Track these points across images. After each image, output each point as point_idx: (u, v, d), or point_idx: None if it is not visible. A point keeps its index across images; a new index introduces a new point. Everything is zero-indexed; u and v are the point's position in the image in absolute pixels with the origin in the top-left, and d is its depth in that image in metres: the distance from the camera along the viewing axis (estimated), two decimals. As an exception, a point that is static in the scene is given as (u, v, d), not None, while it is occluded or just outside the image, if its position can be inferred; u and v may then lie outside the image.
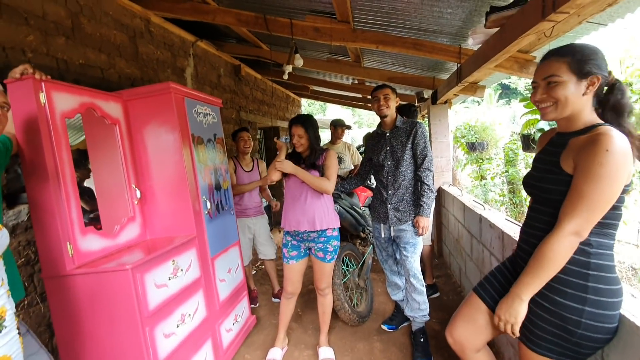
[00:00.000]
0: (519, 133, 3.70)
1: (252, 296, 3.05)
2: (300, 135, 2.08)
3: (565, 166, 1.04)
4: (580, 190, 0.98)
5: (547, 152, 1.15)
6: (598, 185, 0.95)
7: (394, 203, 2.25)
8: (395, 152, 2.24)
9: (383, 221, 2.32)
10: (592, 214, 0.97)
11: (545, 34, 1.72)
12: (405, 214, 2.24)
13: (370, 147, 2.43)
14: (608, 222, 1.01)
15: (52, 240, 1.52)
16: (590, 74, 1.02)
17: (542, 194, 1.10)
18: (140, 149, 1.98)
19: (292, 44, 2.95)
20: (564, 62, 1.04)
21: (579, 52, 1.04)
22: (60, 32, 1.99)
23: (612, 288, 1.00)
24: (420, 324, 2.30)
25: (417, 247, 2.27)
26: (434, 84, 3.78)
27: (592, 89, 1.02)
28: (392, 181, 2.26)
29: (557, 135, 1.15)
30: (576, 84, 1.04)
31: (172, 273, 1.75)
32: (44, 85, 1.47)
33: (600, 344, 1.02)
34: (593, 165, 0.95)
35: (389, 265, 2.49)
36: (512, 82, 20.22)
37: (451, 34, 2.49)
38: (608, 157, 0.93)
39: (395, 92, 2.28)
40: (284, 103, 6.59)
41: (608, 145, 0.94)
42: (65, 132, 1.56)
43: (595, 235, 1.01)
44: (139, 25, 2.56)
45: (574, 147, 1.04)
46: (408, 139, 2.20)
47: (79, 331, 1.58)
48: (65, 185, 1.51)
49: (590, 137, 0.99)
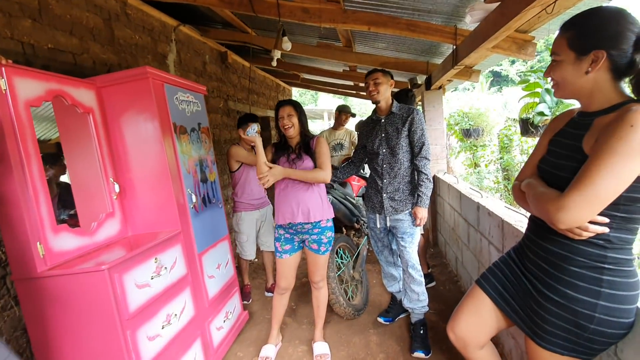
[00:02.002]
0: (515, 119, 3.63)
1: (244, 292, 2.96)
2: (291, 114, 1.96)
3: (587, 149, 0.91)
4: (587, 165, 0.86)
5: (567, 135, 1.02)
6: (609, 160, 0.81)
7: (390, 192, 2.17)
8: (391, 139, 2.13)
9: (378, 211, 2.24)
10: (595, 194, 0.83)
11: (547, 11, 1.62)
12: (401, 204, 2.16)
13: (365, 133, 2.31)
14: (633, 217, 0.90)
15: (21, 240, 1.40)
16: (592, 50, 0.90)
17: (558, 182, 0.97)
18: (117, 139, 1.84)
19: (280, 26, 2.80)
20: (565, 37, 0.95)
21: (583, 25, 0.92)
22: (26, 13, 1.82)
23: (629, 281, 0.92)
24: (419, 315, 2.24)
25: (415, 237, 2.19)
26: (428, 68, 3.67)
27: (595, 65, 0.90)
28: (388, 169, 2.17)
29: (580, 115, 1.02)
30: (574, 62, 0.93)
31: (155, 272, 1.64)
32: (4, 70, 1.33)
33: (615, 339, 0.95)
34: (611, 140, 0.83)
35: (384, 257, 2.41)
36: (503, 69, 20.16)
37: (447, 13, 2.37)
38: (631, 132, 0.80)
39: (389, 75, 2.15)
40: (274, 92, 6.42)
41: (634, 121, 0.81)
42: (31, 121, 1.42)
43: (616, 230, 0.91)
44: (114, 7, 2.39)
45: (598, 127, 0.91)
46: (404, 125, 2.10)
47: (54, 337, 1.47)
48: (32, 180, 1.38)
49: (619, 114, 0.87)
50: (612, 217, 0.89)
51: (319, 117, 13.33)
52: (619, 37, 0.88)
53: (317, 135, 2.08)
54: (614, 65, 0.90)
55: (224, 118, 4.07)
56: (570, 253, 0.96)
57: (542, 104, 2.42)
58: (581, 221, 0.87)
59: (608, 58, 0.89)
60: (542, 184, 1.02)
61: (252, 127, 1.85)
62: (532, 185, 1.04)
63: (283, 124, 1.97)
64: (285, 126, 1.96)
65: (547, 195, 0.94)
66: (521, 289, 1.12)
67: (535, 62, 15.06)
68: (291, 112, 1.96)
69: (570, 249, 0.96)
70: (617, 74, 0.91)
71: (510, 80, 19.70)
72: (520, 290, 1.12)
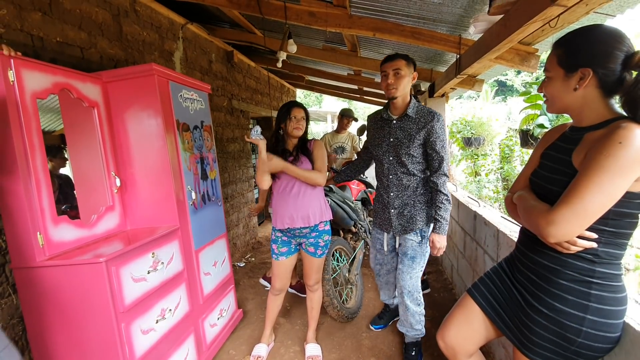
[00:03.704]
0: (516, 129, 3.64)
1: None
2: (304, 117, 1.97)
3: (577, 164, 0.93)
4: (577, 180, 0.88)
5: (558, 149, 1.04)
6: (598, 176, 0.83)
7: (398, 207, 1.89)
8: (400, 146, 1.82)
9: (386, 229, 1.97)
10: (583, 209, 0.85)
11: (550, 25, 1.64)
12: (411, 221, 1.88)
13: (372, 134, 2.00)
14: (622, 231, 0.91)
15: (22, 230, 1.42)
16: (580, 67, 0.92)
17: (549, 195, 0.99)
18: (120, 134, 1.87)
19: (286, 28, 2.83)
20: (555, 54, 0.98)
21: (572, 42, 0.94)
22: (37, 6, 1.85)
23: (616, 296, 0.93)
24: (413, 339, 2.07)
25: (417, 262, 1.92)
26: (432, 76, 3.69)
27: (583, 83, 0.92)
28: (395, 181, 1.89)
29: (571, 130, 1.03)
30: (564, 79, 0.96)
31: (152, 266, 1.65)
32: (13, 62, 1.35)
33: (601, 353, 0.96)
34: (599, 156, 0.85)
35: (385, 280, 2.20)
36: (508, 79, 20.15)
37: (451, 22, 2.39)
38: (619, 149, 0.82)
39: (413, 65, 1.80)
40: (278, 93, 6.45)
41: (622, 138, 0.83)
42: (37, 113, 1.45)
43: (605, 245, 0.92)
44: (123, 4, 2.42)
45: (588, 142, 0.93)
46: (419, 132, 1.78)
47: (49, 325, 1.49)
48: (35, 171, 1.40)
49: (608, 130, 0.88)
50: (600, 232, 0.91)
51: (322, 119, 13.36)
52: (607, 56, 0.90)
53: (314, 138, 2.09)
54: (602, 82, 0.92)
55: (227, 117, 4.10)
56: (559, 266, 0.97)
57: (543, 117, 2.44)
58: (570, 235, 0.89)
59: (595, 76, 0.91)
60: (533, 197, 1.03)
61: (256, 129, 1.85)
62: (523, 197, 1.05)
63: (296, 125, 1.94)
64: (297, 127, 1.95)
65: (537, 209, 0.96)
66: (511, 300, 1.13)
67: (541, 73, 15.02)
68: (304, 116, 1.98)
69: (560, 262, 0.97)
70: (606, 91, 0.93)
71: (515, 91, 19.67)
72: (510, 301, 1.13)
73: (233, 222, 4.13)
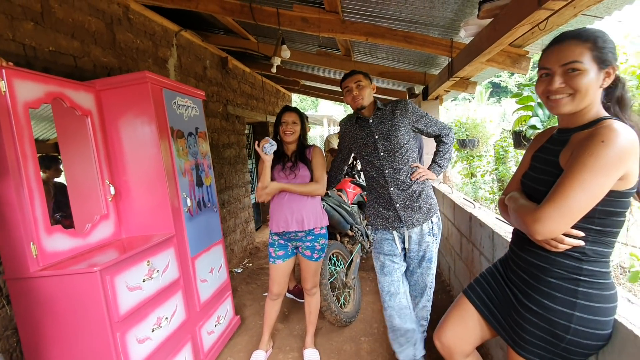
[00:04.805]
0: (509, 130, 3.67)
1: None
2: (295, 121, 1.99)
3: (563, 164, 0.95)
4: (561, 179, 0.89)
5: (546, 151, 1.06)
6: (581, 174, 0.85)
7: (402, 200, 1.82)
8: (388, 138, 1.82)
9: (395, 227, 1.86)
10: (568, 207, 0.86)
11: (540, 27, 1.66)
12: (420, 212, 1.83)
13: (349, 138, 1.97)
14: (609, 230, 0.93)
15: (14, 240, 1.41)
16: (609, 64, 0.91)
17: (538, 196, 1.00)
18: (114, 142, 1.87)
19: (279, 34, 2.84)
20: (586, 47, 0.90)
21: (600, 38, 0.91)
22: (29, 16, 1.85)
23: (604, 294, 0.94)
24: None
25: (434, 260, 1.88)
26: (425, 79, 3.72)
27: (609, 80, 0.92)
28: (392, 173, 1.82)
29: (559, 132, 1.05)
30: (597, 73, 0.92)
31: (147, 274, 1.65)
32: (5, 72, 1.35)
33: (591, 350, 0.97)
34: (583, 155, 0.86)
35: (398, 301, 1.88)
36: (502, 80, 20.33)
37: (443, 26, 2.41)
38: (602, 148, 0.84)
39: (369, 78, 1.89)
40: (273, 97, 6.47)
41: (606, 137, 0.85)
42: (29, 123, 1.44)
43: (592, 243, 0.93)
44: (116, 12, 2.42)
45: (575, 142, 0.95)
46: (400, 118, 1.81)
47: (44, 336, 1.48)
48: (28, 181, 1.40)
49: (593, 130, 0.90)
50: (587, 230, 0.92)
51: (319, 123, 13.41)
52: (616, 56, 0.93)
53: (314, 145, 2.10)
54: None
55: (223, 122, 4.10)
56: (548, 264, 0.99)
57: (535, 118, 2.46)
58: (555, 233, 0.90)
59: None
60: (523, 197, 1.05)
61: (271, 143, 1.83)
62: (513, 198, 1.07)
63: (285, 129, 1.97)
64: (287, 131, 1.97)
65: (525, 208, 0.98)
66: (504, 299, 1.14)
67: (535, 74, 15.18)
68: (296, 120, 1.99)
69: (548, 260, 0.98)
70: (606, 91, 0.96)
71: (509, 92, 19.85)
72: (503, 300, 1.14)
73: (230, 228, 4.12)
